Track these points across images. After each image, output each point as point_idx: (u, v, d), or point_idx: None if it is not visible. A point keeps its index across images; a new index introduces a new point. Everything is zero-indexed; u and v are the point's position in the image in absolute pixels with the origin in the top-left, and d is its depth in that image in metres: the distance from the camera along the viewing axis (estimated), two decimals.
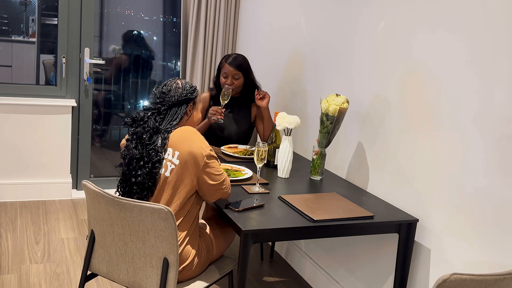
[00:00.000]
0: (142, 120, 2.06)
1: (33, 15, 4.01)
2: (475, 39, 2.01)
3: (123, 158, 2.07)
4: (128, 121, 2.10)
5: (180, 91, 2.10)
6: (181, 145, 2.01)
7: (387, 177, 2.48)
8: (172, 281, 1.87)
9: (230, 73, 3.08)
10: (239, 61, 3.10)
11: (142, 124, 2.05)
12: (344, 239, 2.81)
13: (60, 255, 3.13)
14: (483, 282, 1.46)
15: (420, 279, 2.28)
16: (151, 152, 2.00)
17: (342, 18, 2.86)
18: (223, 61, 3.12)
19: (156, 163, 1.99)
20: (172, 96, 2.09)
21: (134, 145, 2.04)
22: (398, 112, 2.42)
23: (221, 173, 2.08)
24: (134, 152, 2.02)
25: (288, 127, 2.62)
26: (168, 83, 2.13)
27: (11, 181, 3.85)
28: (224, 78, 3.09)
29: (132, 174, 2.02)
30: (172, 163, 2.00)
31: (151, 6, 4.38)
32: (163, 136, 2.02)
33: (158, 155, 2.00)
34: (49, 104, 3.81)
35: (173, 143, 2.02)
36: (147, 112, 2.08)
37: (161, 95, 2.09)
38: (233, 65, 3.07)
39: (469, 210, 2.03)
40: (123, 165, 2.07)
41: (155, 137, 2.02)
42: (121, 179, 2.08)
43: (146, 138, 2.02)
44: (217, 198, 2.10)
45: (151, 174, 1.99)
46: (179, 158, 2.00)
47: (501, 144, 1.90)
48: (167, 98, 2.08)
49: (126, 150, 2.07)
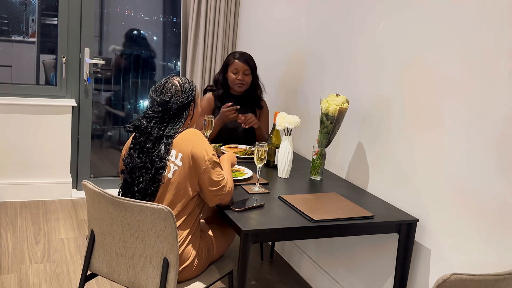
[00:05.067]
0: (145, 130, 2.02)
1: (33, 15, 4.01)
2: (475, 39, 2.01)
3: (125, 165, 2.05)
4: (130, 128, 2.06)
5: (180, 94, 2.06)
6: (185, 147, 2.00)
7: (387, 177, 2.48)
8: (172, 281, 1.87)
9: (241, 68, 3.09)
10: (248, 57, 3.14)
11: (145, 134, 2.02)
12: (344, 239, 2.81)
13: (60, 255, 3.13)
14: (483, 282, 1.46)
15: (420, 279, 2.28)
16: (155, 158, 1.99)
17: (342, 18, 2.86)
18: (231, 57, 3.13)
19: (159, 169, 1.98)
20: (174, 103, 2.04)
21: (137, 154, 2.02)
22: (398, 112, 2.42)
23: (221, 179, 2.05)
24: (137, 161, 2.01)
25: (288, 127, 2.62)
26: (166, 85, 2.07)
27: (11, 181, 3.85)
28: (234, 74, 3.11)
29: (134, 183, 2.01)
30: (175, 164, 2.00)
31: (151, 6, 4.38)
32: (166, 141, 2.01)
33: (163, 161, 1.98)
34: (49, 104, 3.82)
35: (177, 145, 2.01)
36: (149, 121, 2.03)
37: (163, 102, 2.03)
38: (243, 61, 3.10)
39: (469, 210, 2.03)
40: (125, 173, 2.05)
41: (159, 144, 2.01)
42: (122, 185, 2.06)
43: (149, 146, 2.00)
44: (216, 203, 2.08)
45: (154, 179, 1.98)
46: (182, 160, 1.99)
47: (501, 144, 1.90)
48: (170, 106, 2.04)
49: (129, 158, 2.04)
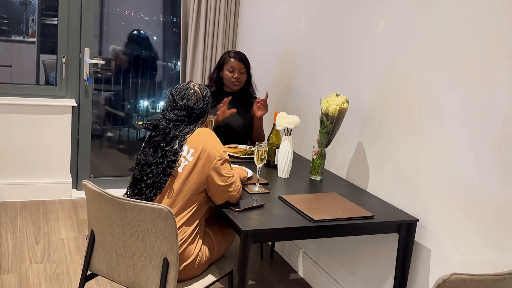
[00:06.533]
0: (164, 131, 2.07)
1: (33, 15, 4.01)
2: (475, 39, 2.01)
3: (137, 162, 2.09)
4: (148, 126, 2.11)
5: (201, 101, 2.13)
6: (197, 143, 2.05)
7: (387, 177, 2.48)
8: (172, 281, 1.87)
9: (237, 67, 3.14)
10: (243, 56, 3.20)
11: (163, 134, 2.07)
12: (344, 239, 2.80)
13: (60, 255, 3.13)
14: (483, 282, 1.46)
15: (420, 279, 2.28)
16: (168, 154, 2.03)
17: (342, 18, 2.86)
18: (226, 56, 3.17)
19: (171, 162, 2.02)
20: (198, 109, 2.12)
21: (151, 152, 2.07)
22: (398, 112, 2.42)
23: (231, 176, 2.09)
24: (150, 158, 2.05)
25: (288, 127, 2.62)
26: (188, 91, 2.12)
27: (11, 181, 3.85)
28: (230, 73, 3.14)
29: (143, 179, 2.04)
30: (186, 159, 2.04)
31: (151, 6, 4.38)
32: (181, 139, 2.06)
33: (175, 155, 2.03)
34: (49, 104, 3.82)
35: (189, 141, 2.06)
36: (169, 123, 2.09)
37: (186, 107, 2.10)
38: (239, 59, 3.15)
39: (469, 210, 2.03)
40: (135, 169, 2.09)
41: (173, 142, 2.05)
42: (131, 183, 2.10)
43: (164, 145, 2.05)
44: (225, 200, 2.10)
45: (164, 172, 2.02)
46: (193, 155, 2.03)
47: (501, 144, 1.90)
48: (194, 111, 2.11)
49: (143, 155, 2.08)
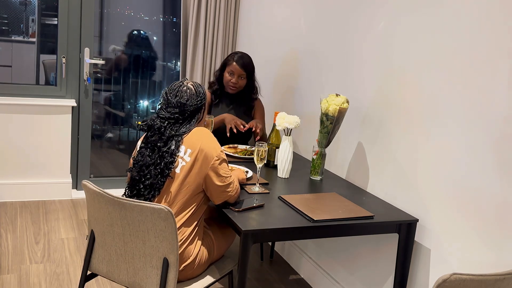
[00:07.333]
0: (159, 130, 2.06)
1: (33, 15, 4.01)
2: (475, 39, 2.01)
3: (135, 163, 2.08)
4: (143, 127, 2.10)
5: (195, 97, 2.11)
6: (194, 143, 2.04)
7: (387, 177, 2.48)
8: (172, 281, 1.87)
9: (237, 72, 3.11)
10: (246, 62, 3.13)
11: (158, 134, 2.06)
12: (344, 239, 2.80)
13: (60, 255, 3.13)
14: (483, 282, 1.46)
15: (420, 279, 2.28)
16: (165, 154, 2.02)
17: (342, 18, 2.86)
18: (230, 58, 3.14)
19: (169, 163, 2.01)
20: (191, 106, 2.10)
21: (148, 152, 2.05)
22: (398, 112, 2.42)
23: (229, 176, 2.09)
24: (147, 159, 2.04)
25: (288, 127, 2.62)
26: (182, 88, 2.11)
27: (11, 181, 3.85)
28: (229, 76, 3.12)
29: (141, 181, 2.04)
30: (183, 159, 2.03)
31: (151, 6, 4.38)
32: (177, 139, 2.05)
33: (172, 156, 2.02)
34: (49, 104, 3.82)
35: (187, 141, 2.05)
36: (163, 122, 2.08)
37: (179, 105, 2.08)
38: (241, 65, 3.10)
39: (469, 210, 2.03)
40: (133, 171, 2.07)
41: (170, 142, 2.04)
42: (129, 184, 2.09)
43: (161, 145, 2.04)
44: (223, 200, 2.10)
45: (162, 173, 2.01)
46: (190, 156, 2.03)
47: (501, 144, 1.90)
48: (187, 108, 2.09)
49: (140, 156, 2.07)
